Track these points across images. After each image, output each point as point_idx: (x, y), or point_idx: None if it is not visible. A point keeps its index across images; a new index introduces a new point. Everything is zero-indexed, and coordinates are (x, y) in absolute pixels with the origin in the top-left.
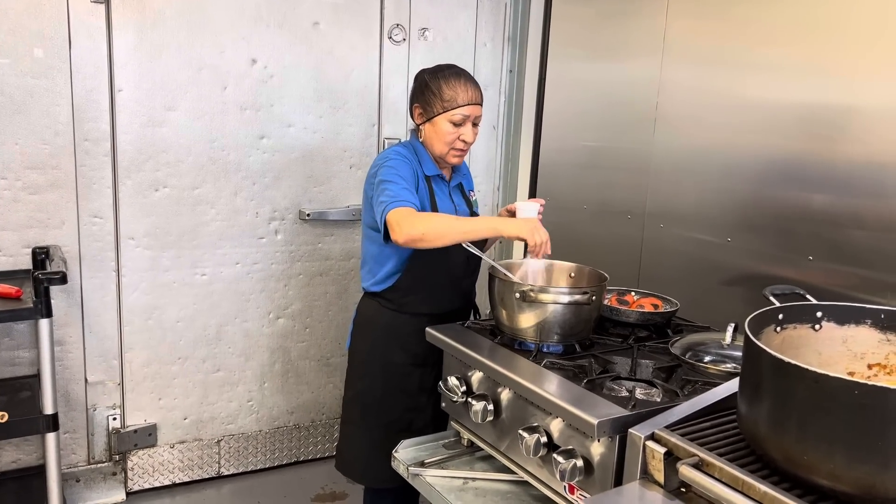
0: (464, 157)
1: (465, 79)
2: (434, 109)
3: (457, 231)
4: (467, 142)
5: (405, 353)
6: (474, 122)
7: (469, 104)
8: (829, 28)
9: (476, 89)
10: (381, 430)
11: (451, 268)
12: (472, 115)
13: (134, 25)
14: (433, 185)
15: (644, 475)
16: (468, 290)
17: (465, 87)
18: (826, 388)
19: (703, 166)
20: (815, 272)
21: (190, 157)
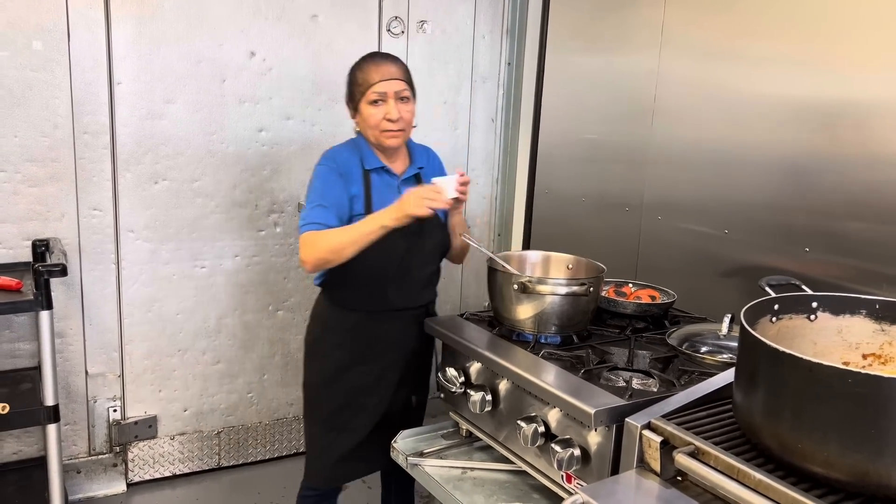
0: (402, 138)
1: (379, 59)
2: (355, 99)
3: (351, 241)
4: (393, 119)
5: (342, 349)
6: (401, 97)
7: (383, 80)
8: (827, 22)
9: (392, 65)
10: (317, 426)
11: (381, 264)
12: (389, 90)
13: (133, 18)
14: (373, 180)
15: (640, 464)
16: (417, 288)
17: (377, 67)
18: (820, 377)
19: (700, 159)
20: (812, 264)
21: (189, 150)
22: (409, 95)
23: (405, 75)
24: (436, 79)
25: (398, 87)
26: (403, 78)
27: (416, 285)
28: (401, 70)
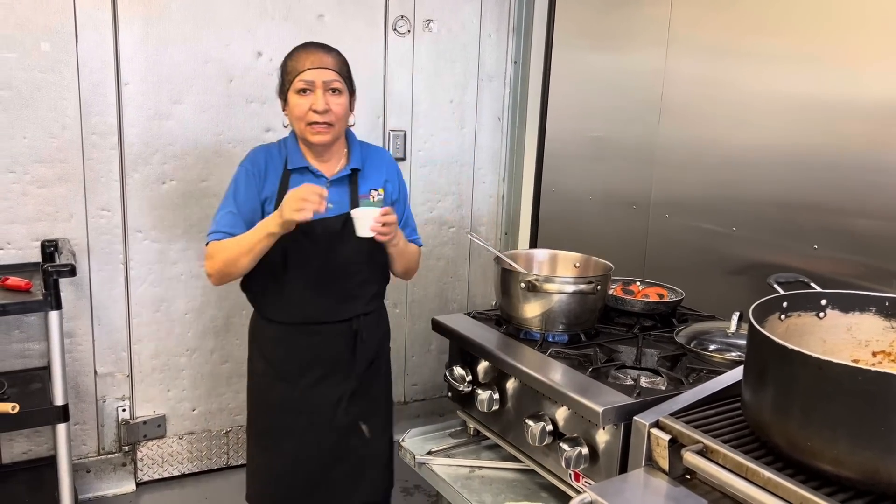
0: (330, 134)
1: (312, 47)
2: (284, 89)
3: (242, 251)
4: (318, 109)
5: (265, 362)
6: (331, 89)
7: (312, 68)
8: (835, 18)
9: (326, 55)
10: (251, 443)
11: (295, 272)
12: (317, 79)
13: (140, 19)
14: (293, 180)
15: (649, 462)
16: (338, 299)
17: (307, 55)
18: (830, 375)
19: (708, 156)
20: (821, 261)
21: (196, 150)
22: (340, 87)
23: (340, 67)
24: (442, 78)
25: (328, 76)
26: (336, 69)
27: (336, 296)
28: (335, 61)
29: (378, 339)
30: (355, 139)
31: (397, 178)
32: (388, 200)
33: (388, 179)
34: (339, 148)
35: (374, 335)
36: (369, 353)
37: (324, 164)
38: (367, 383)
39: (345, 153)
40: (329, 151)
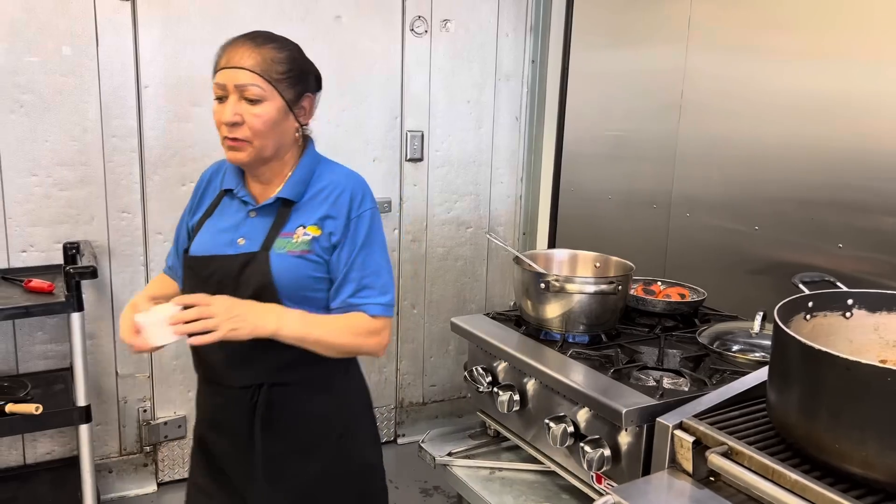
0: (247, 153)
1: (236, 41)
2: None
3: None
4: (226, 121)
5: (197, 418)
6: (248, 98)
7: (225, 68)
8: (857, 14)
9: (247, 50)
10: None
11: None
12: (228, 83)
13: (159, 22)
14: (223, 204)
15: (672, 464)
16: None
17: (226, 51)
18: (858, 376)
19: (729, 154)
20: (846, 260)
21: (216, 153)
22: (260, 94)
23: (266, 66)
24: (459, 77)
25: (242, 79)
26: (257, 69)
27: (225, 354)
28: (256, 58)
29: (312, 430)
30: (311, 159)
31: (346, 217)
32: (324, 242)
33: (331, 216)
34: (283, 168)
35: (294, 419)
36: (286, 443)
37: (261, 187)
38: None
39: (287, 176)
40: (268, 171)
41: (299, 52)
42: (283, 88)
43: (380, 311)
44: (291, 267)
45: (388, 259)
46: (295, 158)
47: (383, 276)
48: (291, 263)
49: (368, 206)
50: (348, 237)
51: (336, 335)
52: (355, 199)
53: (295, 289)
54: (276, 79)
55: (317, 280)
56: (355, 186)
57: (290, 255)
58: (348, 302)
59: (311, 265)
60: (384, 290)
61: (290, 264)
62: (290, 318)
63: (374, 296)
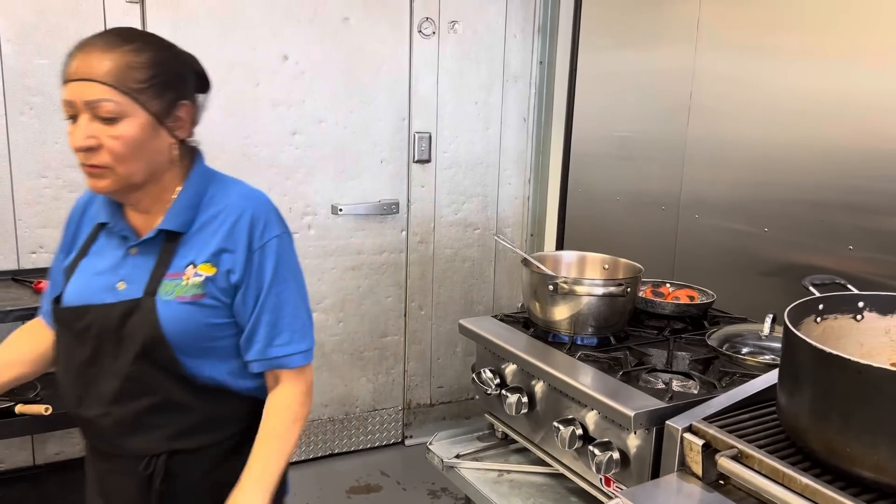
0: (108, 181)
1: (80, 46)
2: None
3: None
4: (79, 149)
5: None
6: (102, 116)
7: (71, 81)
8: (866, 14)
9: (92, 57)
10: None
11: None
12: (77, 99)
13: (168, 23)
14: (99, 239)
15: (681, 467)
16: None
17: (70, 59)
18: (870, 379)
19: (738, 156)
20: (856, 261)
21: (224, 154)
22: (116, 112)
23: (117, 75)
24: (467, 79)
25: (92, 93)
26: (108, 79)
27: (112, 421)
28: (108, 65)
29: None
30: (199, 178)
31: (247, 250)
32: (221, 283)
33: (227, 249)
34: (164, 193)
35: (199, 490)
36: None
37: (143, 217)
38: None
39: (170, 203)
40: (146, 198)
41: (167, 51)
42: (147, 99)
43: (303, 361)
44: (183, 316)
45: (305, 294)
46: (178, 179)
47: (301, 317)
48: (182, 312)
49: (275, 233)
50: (252, 274)
51: (291, 438)
52: (256, 226)
53: (191, 341)
54: (136, 89)
55: (217, 328)
56: (256, 209)
57: (180, 302)
58: (266, 355)
59: (206, 312)
60: (304, 333)
61: (181, 313)
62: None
63: (296, 341)
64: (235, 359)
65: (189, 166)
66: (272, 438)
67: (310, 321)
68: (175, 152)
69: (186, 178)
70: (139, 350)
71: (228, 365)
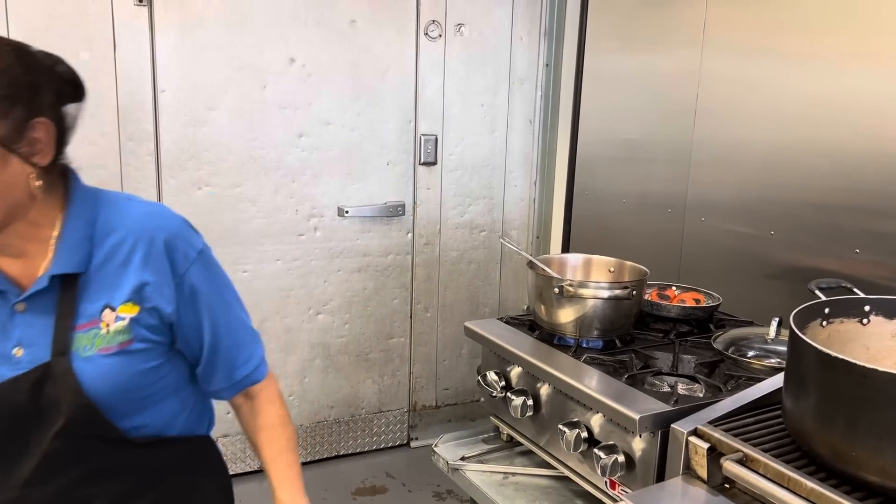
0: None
1: None
2: None
3: None
4: None
5: None
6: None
7: None
8: (873, 16)
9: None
10: None
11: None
12: None
13: (175, 27)
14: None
15: (686, 471)
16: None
17: None
18: (875, 383)
19: (744, 158)
20: (863, 265)
21: (231, 156)
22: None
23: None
24: (473, 81)
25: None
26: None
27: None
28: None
29: None
30: (84, 204)
31: (173, 276)
32: (150, 320)
33: (148, 282)
34: (39, 230)
35: None
36: None
37: (18, 264)
38: None
39: (53, 239)
40: (17, 240)
41: (12, 55)
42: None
43: (267, 368)
44: (111, 371)
45: (239, 298)
46: (55, 209)
47: (248, 323)
48: (109, 366)
49: (197, 249)
50: (188, 303)
51: (296, 441)
52: (176, 249)
53: (125, 397)
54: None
55: (152, 372)
56: (168, 229)
57: (104, 355)
58: (234, 379)
59: (138, 358)
60: (255, 338)
61: (108, 367)
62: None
63: (255, 353)
64: (173, 396)
65: (65, 192)
66: (288, 450)
67: (250, 321)
68: (36, 183)
69: (67, 206)
70: (65, 423)
71: (165, 408)
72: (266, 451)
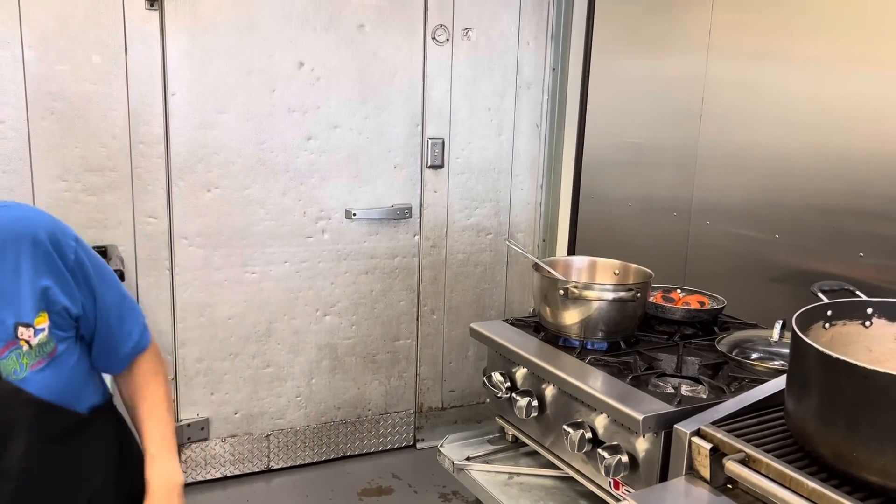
0: None
1: None
2: None
3: None
4: None
5: None
6: None
7: None
8: (877, 21)
9: None
10: None
11: None
12: None
13: (186, 31)
14: None
15: (690, 471)
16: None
17: None
18: (877, 385)
19: (749, 162)
20: (867, 268)
21: (240, 159)
22: None
23: None
24: (480, 85)
25: None
26: None
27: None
28: None
29: None
30: None
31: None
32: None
33: (48, 285)
34: None
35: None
36: None
37: None
38: None
39: None
40: None
41: None
42: None
43: (150, 333)
44: (50, 382)
45: (112, 271)
46: None
47: (126, 293)
48: (46, 378)
49: (73, 234)
50: (84, 291)
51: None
52: (58, 243)
53: (71, 399)
54: None
55: (76, 364)
56: (45, 226)
57: (37, 371)
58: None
59: (65, 358)
60: (134, 306)
61: (46, 380)
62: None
63: (139, 320)
64: (92, 370)
65: None
66: (162, 405)
67: (127, 292)
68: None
69: None
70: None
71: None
72: (142, 407)
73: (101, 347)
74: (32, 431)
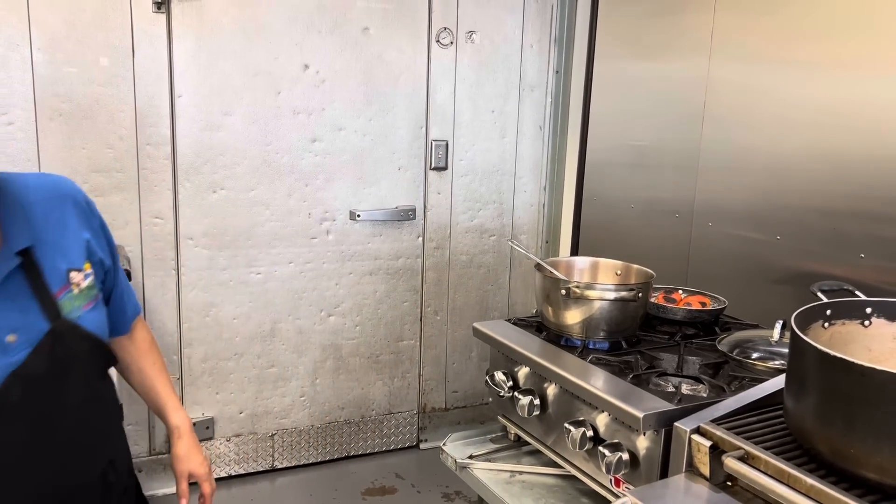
0: None
1: None
2: None
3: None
4: None
5: None
6: None
7: None
8: (879, 24)
9: None
10: None
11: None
12: None
13: (192, 34)
14: None
15: (689, 468)
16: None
17: None
18: (873, 382)
19: (751, 164)
20: (867, 270)
21: (245, 160)
22: None
23: None
24: (484, 88)
25: None
26: None
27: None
28: None
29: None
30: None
31: (99, 229)
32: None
33: (90, 238)
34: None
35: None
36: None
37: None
38: None
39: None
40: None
41: None
42: None
43: (139, 311)
44: (99, 321)
45: None
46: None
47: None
48: (95, 318)
49: (92, 202)
50: (108, 248)
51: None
52: (90, 203)
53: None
54: None
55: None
56: (78, 189)
57: (89, 311)
58: (135, 311)
59: (102, 305)
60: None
61: (96, 319)
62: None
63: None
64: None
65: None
66: (165, 368)
67: None
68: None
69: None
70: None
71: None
72: (150, 371)
73: (114, 306)
74: (87, 366)
